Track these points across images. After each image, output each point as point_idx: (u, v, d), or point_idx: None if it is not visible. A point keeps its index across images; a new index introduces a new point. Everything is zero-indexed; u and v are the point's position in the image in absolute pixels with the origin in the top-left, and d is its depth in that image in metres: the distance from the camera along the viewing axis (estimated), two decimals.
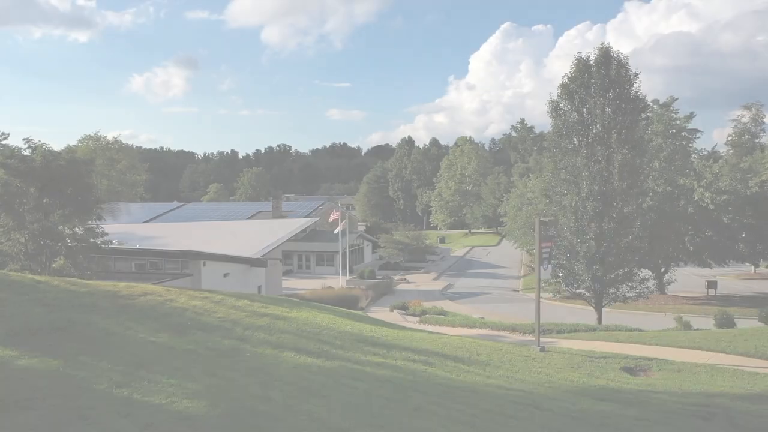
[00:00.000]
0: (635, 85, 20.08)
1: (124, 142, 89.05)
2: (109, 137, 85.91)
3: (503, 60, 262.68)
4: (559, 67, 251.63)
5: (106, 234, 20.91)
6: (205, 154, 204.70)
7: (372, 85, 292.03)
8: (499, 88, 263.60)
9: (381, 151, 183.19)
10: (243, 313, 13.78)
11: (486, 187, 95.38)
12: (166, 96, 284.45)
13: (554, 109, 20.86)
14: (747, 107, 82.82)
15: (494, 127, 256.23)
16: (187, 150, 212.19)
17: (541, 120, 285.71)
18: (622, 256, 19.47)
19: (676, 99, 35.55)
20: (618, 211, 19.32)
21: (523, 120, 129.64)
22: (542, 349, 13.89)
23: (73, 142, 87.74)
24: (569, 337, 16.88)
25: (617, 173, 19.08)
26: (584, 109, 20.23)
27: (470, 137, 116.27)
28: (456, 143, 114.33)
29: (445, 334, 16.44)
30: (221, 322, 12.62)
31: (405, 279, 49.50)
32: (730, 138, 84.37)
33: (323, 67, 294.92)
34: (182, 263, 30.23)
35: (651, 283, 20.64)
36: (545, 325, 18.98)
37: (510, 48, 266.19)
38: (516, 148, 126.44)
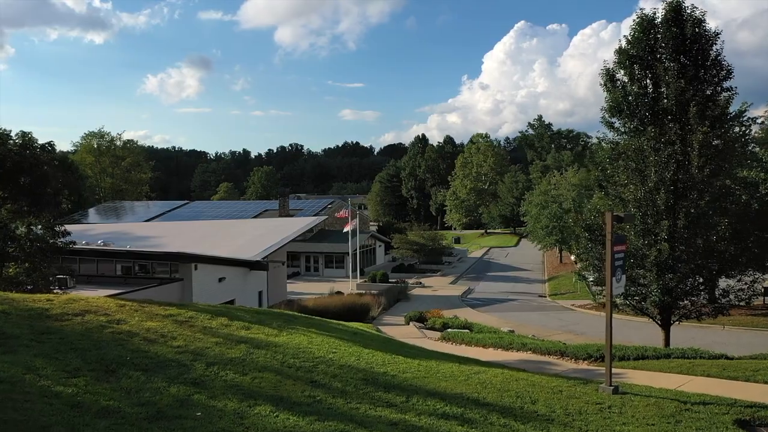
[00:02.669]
0: (716, 46, 16.38)
1: (127, 139, 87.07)
2: (113, 134, 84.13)
3: (517, 59, 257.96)
4: (573, 66, 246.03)
5: (69, 233, 17.60)
6: (216, 154, 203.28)
7: (385, 85, 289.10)
8: (512, 88, 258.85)
9: (394, 150, 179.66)
10: (213, 339, 10.36)
11: (503, 186, 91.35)
12: (180, 96, 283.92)
13: (609, 79, 17.11)
14: None
15: (507, 126, 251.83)
16: (199, 150, 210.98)
17: (555, 119, 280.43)
18: (701, 261, 15.68)
19: None
20: (695, 204, 15.53)
21: (540, 117, 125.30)
22: (615, 390, 10.27)
23: (77, 140, 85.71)
24: (638, 367, 13.20)
25: (696, 157, 15.30)
26: (647, 80, 16.55)
27: (486, 134, 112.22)
28: (471, 140, 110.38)
29: (478, 363, 12.88)
30: (178, 355, 9.19)
31: (420, 283, 45.88)
32: (757, 135, 79.53)
33: (336, 68, 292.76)
34: (172, 266, 26.96)
35: (732, 295, 16.78)
36: (603, 348, 15.28)
37: (524, 47, 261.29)
38: (533, 145, 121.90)
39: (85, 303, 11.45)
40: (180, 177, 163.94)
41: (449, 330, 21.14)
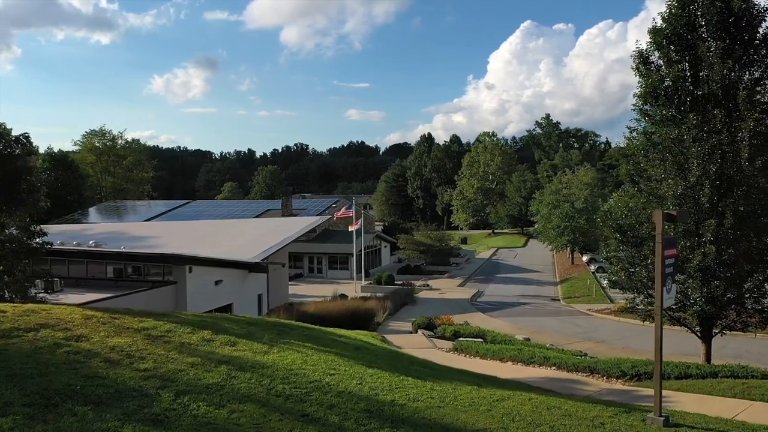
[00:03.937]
0: (764, 23, 14.69)
1: (132, 139, 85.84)
2: (114, 133, 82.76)
3: (523, 59, 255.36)
4: (580, 66, 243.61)
5: (45, 234, 16.12)
6: (221, 154, 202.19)
7: (390, 85, 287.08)
8: (518, 88, 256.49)
9: (399, 150, 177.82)
10: (189, 360, 8.80)
11: (511, 185, 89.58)
12: (186, 96, 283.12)
13: (643, 63, 15.39)
14: None
15: (513, 126, 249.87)
16: (204, 149, 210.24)
17: (561, 119, 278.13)
18: (750, 266, 13.95)
19: None
20: (744, 202, 13.81)
21: (548, 116, 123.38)
22: (667, 422, 8.64)
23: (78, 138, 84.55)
24: (683, 388, 11.52)
25: (747, 147, 13.58)
26: (685, 62, 14.89)
27: (493, 132, 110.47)
28: (478, 139, 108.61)
29: (498, 384, 11.29)
30: (143, 381, 7.63)
31: (427, 285, 44.25)
32: None
33: (342, 68, 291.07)
34: (165, 268, 25.49)
35: None
36: (639, 364, 13.66)
37: (530, 47, 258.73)
38: (540, 144, 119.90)
39: (45, 315, 9.92)
40: (185, 177, 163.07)
41: (461, 339, 19.52)
